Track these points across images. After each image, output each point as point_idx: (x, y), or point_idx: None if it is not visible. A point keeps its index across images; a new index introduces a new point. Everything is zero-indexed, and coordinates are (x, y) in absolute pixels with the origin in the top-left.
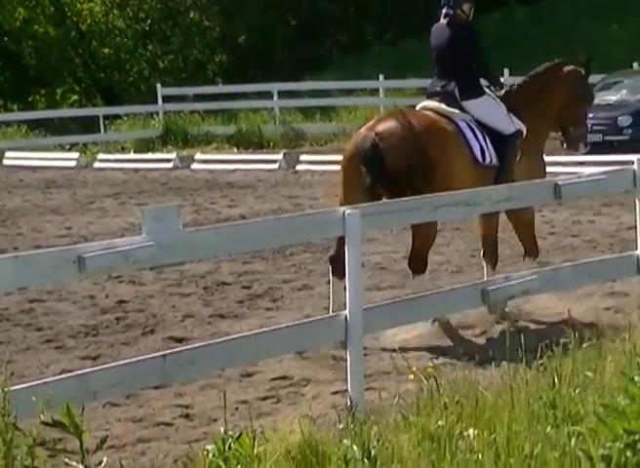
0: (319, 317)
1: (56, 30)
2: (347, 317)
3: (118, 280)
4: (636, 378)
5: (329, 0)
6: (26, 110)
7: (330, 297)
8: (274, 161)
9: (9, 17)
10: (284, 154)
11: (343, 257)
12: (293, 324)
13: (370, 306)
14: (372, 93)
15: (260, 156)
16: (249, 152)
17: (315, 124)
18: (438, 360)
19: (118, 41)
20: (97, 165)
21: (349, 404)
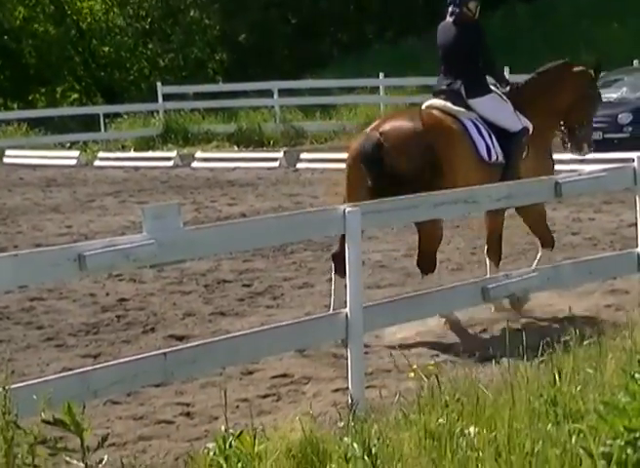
0: (320, 315)
1: (56, 29)
2: (348, 315)
3: (119, 278)
4: (637, 376)
5: None
6: (27, 109)
7: (331, 294)
8: (275, 159)
9: (9, 15)
10: (284, 152)
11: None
12: (293, 322)
13: (370, 304)
14: (372, 91)
15: (261, 154)
16: (249, 150)
17: (315, 122)
18: (439, 357)
19: (118, 39)
20: (97, 163)
21: (350, 402)
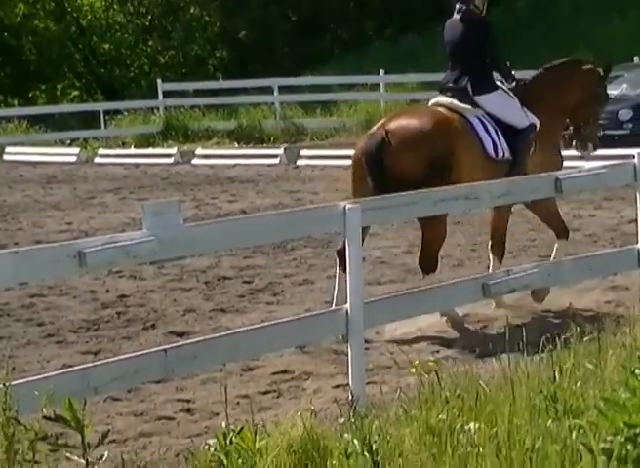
0: (320, 311)
1: (56, 26)
2: (348, 311)
3: (119, 275)
4: (637, 372)
5: None
6: (27, 106)
7: (335, 289)
8: (275, 156)
9: (9, 12)
10: (284, 149)
11: None
12: (294, 318)
13: (371, 300)
14: (372, 87)
15: (261, 151)
16: (249, 147)
17: (316, 119)
18: (439, 354)
19: (118, 36)
20: (97, 160)
21: (350, 398)
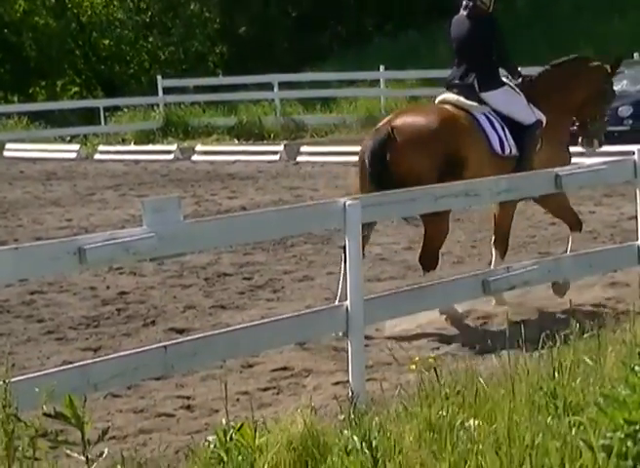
0: (320, 308)
1: (56, 22)
2: (348, 308)
3: (119, 271)
4: (637, 368)
5: None
6: (27, 102)
7: (339, 284)
8: (275, 152)
9: (9, 8)
10: (284, 145)
11: None
12: (294, 315)
13: (371, 297)
14: (372, 84)
15: (261, 147)
16: (249, 143)
17: (316, 115)
18: (439, 350)
19: (119, 33)
20: (97, 156)
21: (350, 394)
